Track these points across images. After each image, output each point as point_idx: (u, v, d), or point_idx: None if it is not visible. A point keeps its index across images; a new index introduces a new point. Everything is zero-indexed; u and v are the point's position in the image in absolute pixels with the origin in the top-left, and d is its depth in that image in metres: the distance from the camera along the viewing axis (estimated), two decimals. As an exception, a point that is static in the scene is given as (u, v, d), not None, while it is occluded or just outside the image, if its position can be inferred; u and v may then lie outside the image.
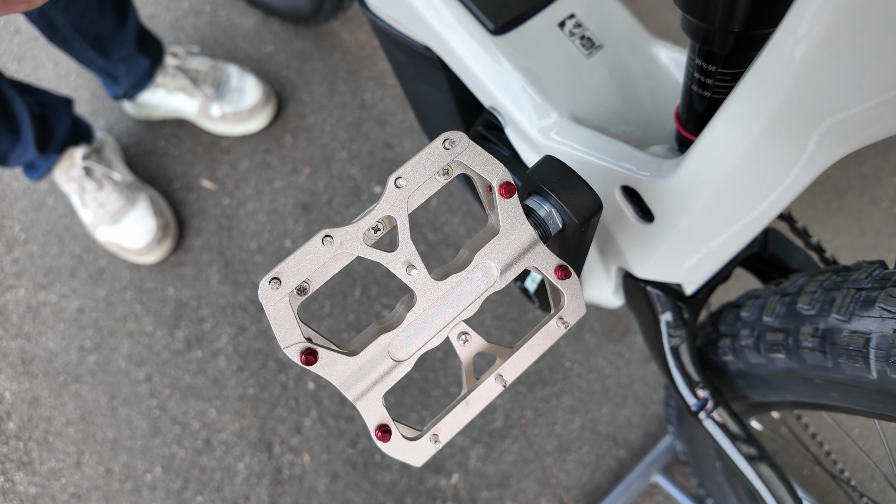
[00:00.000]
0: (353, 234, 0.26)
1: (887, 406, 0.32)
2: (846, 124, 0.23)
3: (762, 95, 0.24)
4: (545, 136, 0.37)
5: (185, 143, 1.14)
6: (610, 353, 0.96)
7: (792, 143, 0.25)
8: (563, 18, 0.39)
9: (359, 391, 0.27)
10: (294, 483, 0.93)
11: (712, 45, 0.26)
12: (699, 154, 0.29)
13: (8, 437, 1.07)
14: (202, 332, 1.02)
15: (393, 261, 0.27)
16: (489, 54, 0.39)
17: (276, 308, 0.26)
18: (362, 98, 1.15)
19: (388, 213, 0.26)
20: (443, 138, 0.27)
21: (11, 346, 1.11)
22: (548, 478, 0.91)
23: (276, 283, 0.25)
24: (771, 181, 0.28)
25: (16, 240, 1.18)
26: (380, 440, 0.28)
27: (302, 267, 0.25)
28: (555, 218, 0.29)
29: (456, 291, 0.28)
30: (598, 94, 0.38)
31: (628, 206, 0.35)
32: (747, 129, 0.25)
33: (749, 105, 0.25)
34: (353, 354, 0.27)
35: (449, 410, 0.29)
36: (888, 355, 0.28)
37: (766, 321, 0.36)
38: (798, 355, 0.34)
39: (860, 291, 0.32)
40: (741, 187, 0.29)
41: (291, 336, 0.26)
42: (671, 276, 0.38)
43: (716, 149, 0.28)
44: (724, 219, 0.31)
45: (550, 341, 0.30)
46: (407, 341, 0.28)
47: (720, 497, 0.82)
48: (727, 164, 0.28)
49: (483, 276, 0.29)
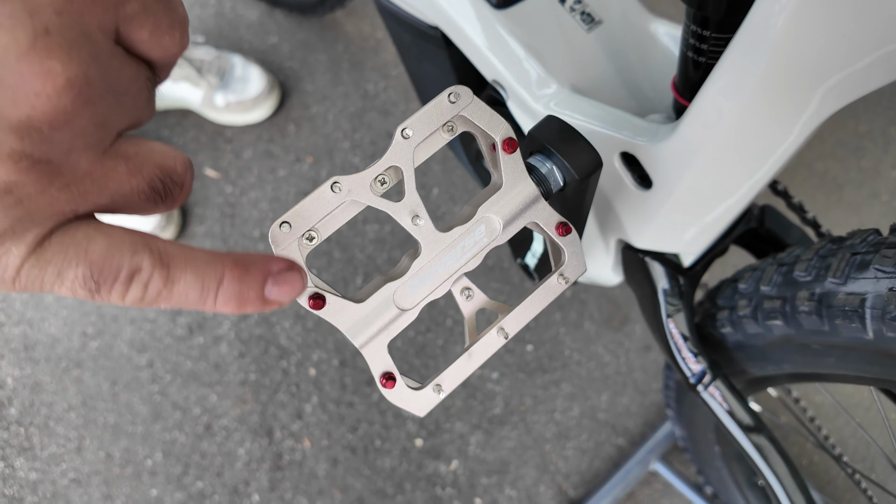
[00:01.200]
0: (361, 183, 0.27)
1: (884, 368, 0.33)
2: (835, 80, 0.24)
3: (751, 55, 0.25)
4: (545, 107, 0.38)
5: (189, 132, 1.15)
6: (609, 341, 0.96)
7: (782, 101, 0.26)
8: None
9: (365, 338, 0.28)
10: (294, 468, 0.94)
11: (706, 10, 0.27)
12: (693, 117, 0.30)
13: (9, 423, 1.08)
14: (204, 319, 1.03)
15: (399, 210, 0.28)
16: (492, 28, 0.40)
17: (285, 252, 0.26)
18: (365, 88, 1.15)
19: (394, 162, 0.27)
20: (448, 92, 0.27)
21: (14, 333, 1.12)
22: (547, 464, 0.91)
23: (286, 226, 0.26)
24: (764, 140, 0.28)
25: (19, 228, 1.19)
26: (384, 387, 0.28)
27: (311, 212, 0.26)
28: (556, 175, 0.30)
29: (460, 244, 0.29)
30: (598, 66, 0.39)
31: (627, 174, 0.36)
32: (738, 89, 0.26)
33: (739, 65, 0.26)
34: (359, 302, 0.28)
35: (452, 362, 0.30)
36: (883, 313, 0.29)
37: (764, 290, 0.36)
38: (795, 321, 0.34)
39: (855, 255, 0.32)
40: (734, 148, 0.29)
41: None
42: (669, 245, 0.39)
43: (709, 111, 0.29)
44: (719, 181, 0.32)
45: (551, 297, 0.30)
46: (412, 290, 0.29)
47: (719, 483, 0.82)
48: (720, 125, 0.28)
49: (486, 230, 0.29)
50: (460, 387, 0.96)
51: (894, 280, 0.29)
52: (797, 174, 1.17)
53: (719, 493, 0.85)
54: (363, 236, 1.06)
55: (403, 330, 1.12)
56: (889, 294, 0.29)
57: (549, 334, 0.97)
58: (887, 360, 0.32)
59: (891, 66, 0.23)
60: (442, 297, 0.94)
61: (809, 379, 0.41)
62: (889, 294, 0.29)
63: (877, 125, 1.14)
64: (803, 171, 1.17)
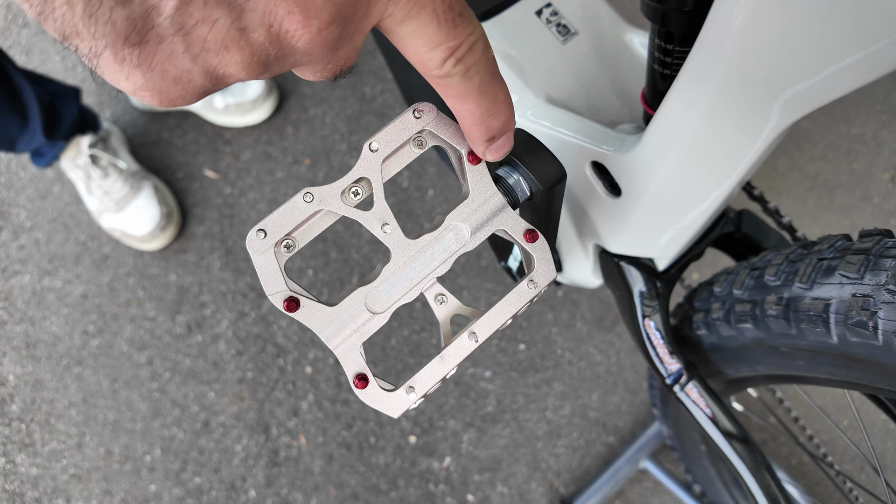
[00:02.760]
0: (332, 193, 0.28)
1: (850, 371, 0.34)
2: (792, 92, 0.25)
3: (708, 66, 0.26)
4: (522, 116, 0.39)
5: (189, 133, 1.17)
6: (601, 341, 0.98)
7: (740, 112, 0.27)
8: (541, 7, 0.42)
9: (338, 340, 0.29)
10: (290, 465, 0.95)
11: (669, 25, 0.28)
12: (657, 126, 0.31)
13: (10, 419, 1.10)
14: (203, 317, 1.05)
15: (369, 219, 0.29)
16: None
17: (261, 258, 0.28)
18: (362, 91, 1.17)
19: (362, 174, 0.28)
20: (413, 108, 0.29)
21: (16, 331, 1.13)
22: (538, 462, 0.93)
23: (261, 233, 0.28)
24: (726, 149, 0.30)
25: (22, 227, 1.20)
26: (357, 388, 0.29)
27: (285, 220, 0.28)
28: (522, 186, 0.31)
29: (429, 250, 0.30)
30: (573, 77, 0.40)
31: (598, 182, 0.37)
32: (698, 100, 0.27)
33: (698, 76, 0.27)
34: (332, 305, 0.29)
35: (425, 365, 0.31)
36: (846, 318, 0.30)
37: (736, 294, 0.37)
38: (764, 324, 0.36)
39: (822, 261, 0.33)
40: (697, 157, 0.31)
41: (276, 285, 0.28)
42: (642, 250, 0.40)
43: (671, 121, 0.30)
44: (684, 190, 0.33)
45: (521, 302, 0.32)
46: (383, 294, 0.30)
47: (706, 481, 0.84)
48: (682, 134, 0.30)
49: (454, 237, 0.31)
50: (453, 385, 0.97)
51: (858, 286, 0.30)
52: (789, 177, 1.18)
53: (707, 491, 0.86)
54: (359, 237, 1.07)
55: (398, 329, 1.13)
56: (852, 299, 0.30)
57: (542, 334, 0.99)
58: (852, 363, 0.33)
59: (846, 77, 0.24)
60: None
61: (784, 381, 0.42)
62: (852, 299, 0.30)
63: (869, 128, 1.15)
64: (795, 175, 1.18)
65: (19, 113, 0.94)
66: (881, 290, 0.29)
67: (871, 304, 0.29)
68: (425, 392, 0.31)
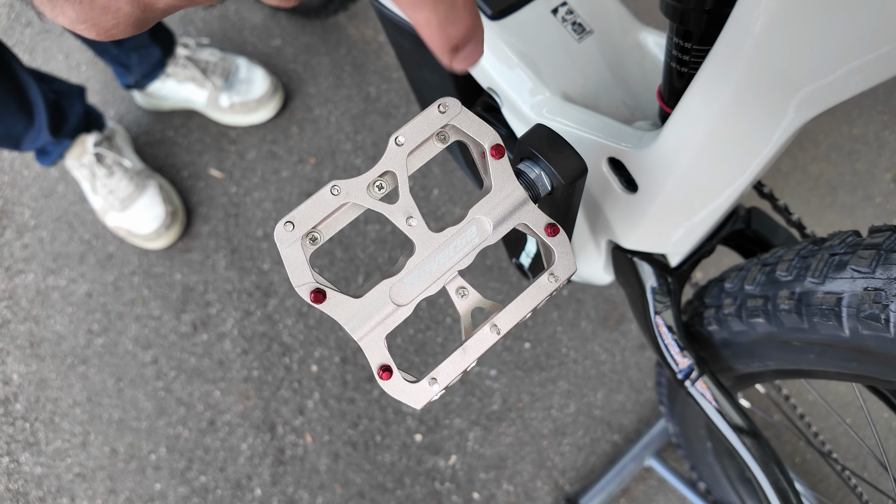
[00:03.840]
0: (358, 186, 0.29)
1: (860, 364, 0.35)
2: (808, 90, 0.25)
3: (726, 67, 0.26)
4: (537, 113, 0.39)
5: (194, 133, 1.17)
6: (605, 340, 0.98)
7: (758, 109, 0.28)
8: (556, 6, 0.42)
9: (363, 331, 0.30)
10: (296, 463, 0.96)
11: (688, 24, 0.29)
12: (676, 123, 0.31)
13: (15, 418, 1.09)
14: (208, 316, 1.05)
15: (394, 212, 0.30)
16: (487, 38, 0.42)
17: (289, 250, 0.28)
18: (367, 91, 1.17)
19: (388, 168, 0.29)
20: (437, 103, 0.29)
21: (20, 329, 1.13)
22: (543, 460, 0.93)
23: (289, 226, 0.28)
24: (742, 147, 0.30)
25: (26, 226, 1.20)
26: (381, 379, 0.30)
27: (313, 213, 0.28)
28: (544, 180, 0.32)
29: (452, 243, 0.31)
30: (588, 74, 0.41)
31: (614, 178, 0.38)
32: (717, 97, 0.28)
33: (717, 75, 0.27)
34: (357, 297, 0.30)
35: (447, 357, 0.32)
36: (858, 312, 0.31)
37: (748, 289, 0.38)
38: (776, 319, 0.36)
39: (833, 256, 0.34)
40: (714, 154, 0.31)
41: (303, 277, 0.29)
42: (655, 245, 0.40)
43: (690, 118, 0.30)
44: (700, 186, 0.34)
45: (542, 295, 0.32)
46: (407, 287, 0.31)
47: (711, 479, 0.84)
48: (700, 131, 0.30)
49: (477, 231, 0.31)
50: (459, 384, 0.97)
51: (870, 280, 0.30)
52: (791, 177, 1.19)
53: (712, 488, 0.87)
54: (364, 236, 1.07)
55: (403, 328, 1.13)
56: (864, 293, 0.30)
57: (547, 333, 0.99)
58: (863, 356, 0.33)
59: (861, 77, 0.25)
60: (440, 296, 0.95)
61: (793, 375, 0.43)
62: (864, 293, 0.30)
63: (871, 129, 1.16)
64: (798, 175, 1.19)
65: (25, 111, 0.94)
66: (892, 283, 0.29)
67: (884, 297, 0.29)
68: (448, 383, 0.31)
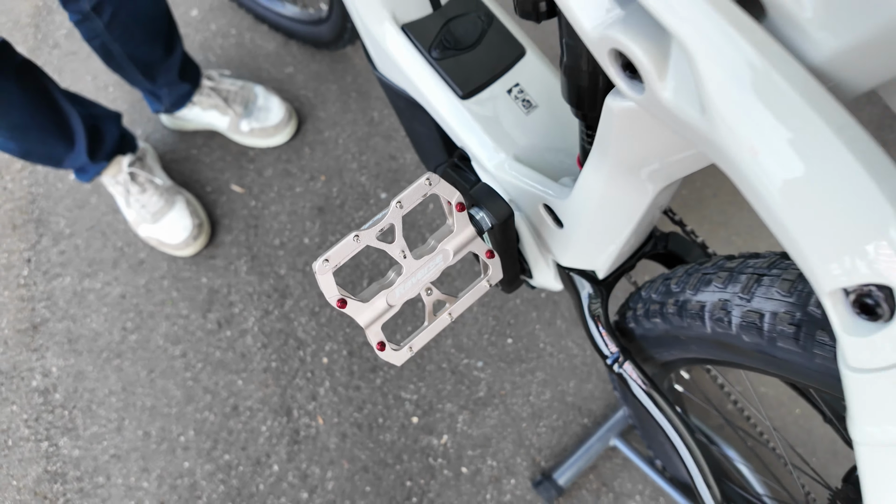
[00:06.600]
0: (370, 235, 0.44)
1: (726, 354, 0.49)
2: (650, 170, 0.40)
3: (602, 153, 0.40)
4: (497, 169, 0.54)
5: (216, 152, 1.31)
6: (578, 336, 1.13)
7: (626, 181, 0.42)
8: (511, 87, 0.57)
9: (367, 322, 0.47)
10: (309, 442, 1.10)
11: (585, 120, 0.43)
12: (580, 184, 0.45)
13: (54, 407, 1.22)
14: (231, 315, 1.19)
15: (393, 249, 0.46)
16: (459, 112, 0.56)
17: (324, 277, 0.44)
18: (371, 116, 1.31)
19: (391, 222, 0.45)
20: (426, 177, 0.45)
21: (58, 328, 1.26)
22: (523, 440, 1.08)
23: (326, 262, 0.44)
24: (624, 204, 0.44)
25: (61, 234, 1.33)
26: (379, 351, 0.47)
27: (342, 253, 0.44)
28: (486, 220, 0.48)
29: (427, 265, 0.48)
30: (532, 140, 0.55)
31: (548, 217, 0.52)
32: (600, 171, 0.41)
33: (598, 157, 0.41)
34: (365, 301, 0.46)
35: (418, 333, 0.49)
36: (713, 316, 0.45)
37: (652, 297, 0.52)
38: (668, 319, 0.50)
39: (705, 275, 0.48)
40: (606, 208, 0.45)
41: (332, 293, 0.45)
42: (583, 264, 0.54)
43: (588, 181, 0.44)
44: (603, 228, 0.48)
45: (480, 293, 0.50)
46: (397, 294, 0.47)
47: (664, 456, 0.98)
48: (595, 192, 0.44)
49: (442, 257, 0.48)
50: (450, 373, 1.12)
51: (722, 293, 0.45)
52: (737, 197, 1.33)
53: (666, 465, 1.01)
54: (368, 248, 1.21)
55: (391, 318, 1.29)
56: (717, 302, 0.45)
57: (527, 330, 1.14)
58: (724, 348, 0.48)
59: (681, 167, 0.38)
60: None
61: (692, 363, 0.57)
62: (717, 302, 0.45)
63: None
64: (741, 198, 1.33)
65: (66, 136, 1.05)
66: (736, 296, 0.44)
67: (729, 305, 0.43)
68: (418, 349, 0.49)
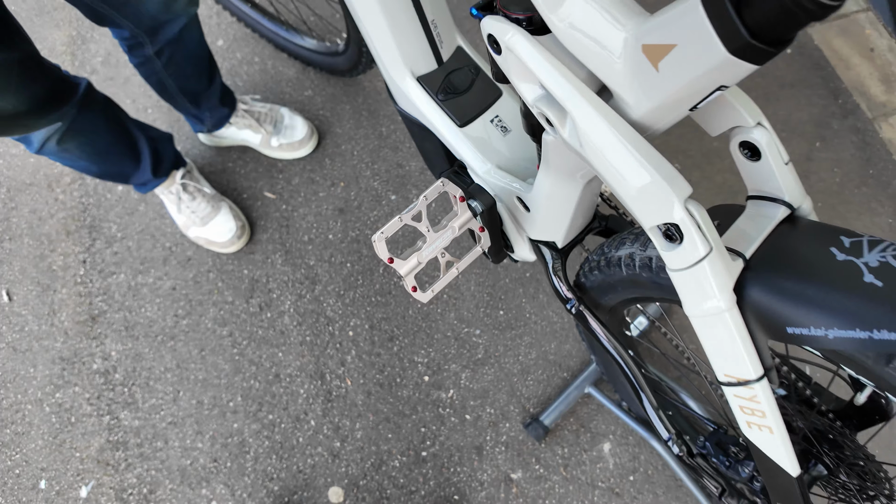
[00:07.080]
0: (408, 217, 0.69)
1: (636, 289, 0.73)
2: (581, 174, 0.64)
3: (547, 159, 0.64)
4: (485, 174, 0.78)
5: (249, 164, 1.54)
6: (557, 307, 1.37)
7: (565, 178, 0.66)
8: (493, 117, 0.81)
9: (406, 272, 0.72)
10: (340, 400, 1.33)
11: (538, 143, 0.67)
12: (536, 183, 0.69)
13: (115, 385, 1.42)
14: (271, 300, 1.42)
15: (420, 226, 0.71)
16: (458, 135, 0.80)
17: (380, 245, 0.69)
18: (380, 131, 1.55)
19: (419, 209, 0.70)
20: (440, 181, 0.70)
21: (116, 317, 1.47)
22: (514, 391, 1.32)
23: (381, 234, 0.68)
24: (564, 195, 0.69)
25: (114, 237, 1.54)
26: (413, 292, 0.73)
27: (391, 229, 0.69)
28: (478, 207, 0.74)
29: (442, 237, 0.73)
30: (509, 154, 0.79)
31: (520, 205, 0.76)
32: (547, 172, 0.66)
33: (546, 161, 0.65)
34: (404, 260, 0.71)
35: (436, 282, 0.74)
36: (625, 263, 0.69)
37: (593, 258, 0.76)
38: (602, 271, 0.74)
39: (623, 239, 0.73)
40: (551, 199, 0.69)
41: (385, 255, 0.70)
42: (546, 237, 0.78)
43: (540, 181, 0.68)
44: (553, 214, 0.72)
45: (475, 256, 0.76)
46: (424, 255, 0.72)
47: (628, 398, 1.23)
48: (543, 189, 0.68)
49: (451, 232, 0.74)
50: (454, 340, 1.36)
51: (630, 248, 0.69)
52: (700, 185, 1.58)
53: (631, 407, 1.26)
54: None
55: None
56: (627, 255, 0.69)
57: (515, 303, 1.38)
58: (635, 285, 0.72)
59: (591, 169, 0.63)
60: None
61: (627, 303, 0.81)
62: (627, 255, 0.69)
63: (750, 150, 1.56)
64: (705, 183, 1.58)
65: (135, 158, 1.28)
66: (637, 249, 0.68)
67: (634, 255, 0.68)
68: (438, 292, 0.76)
